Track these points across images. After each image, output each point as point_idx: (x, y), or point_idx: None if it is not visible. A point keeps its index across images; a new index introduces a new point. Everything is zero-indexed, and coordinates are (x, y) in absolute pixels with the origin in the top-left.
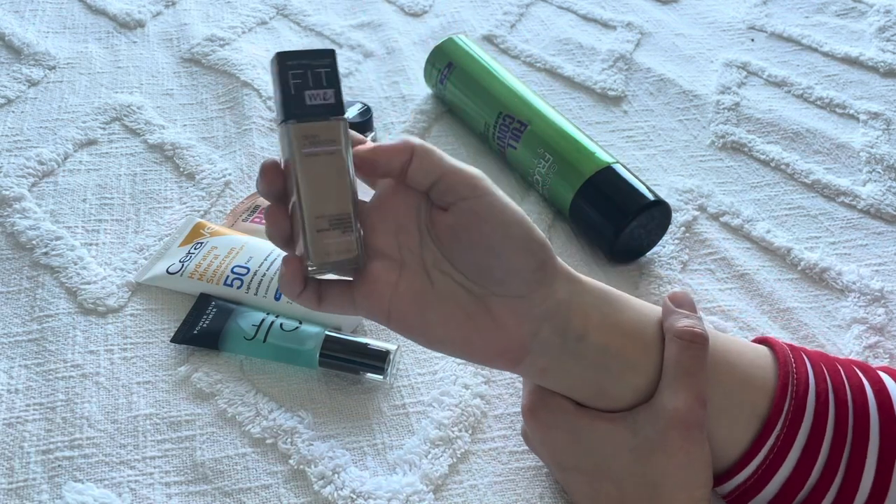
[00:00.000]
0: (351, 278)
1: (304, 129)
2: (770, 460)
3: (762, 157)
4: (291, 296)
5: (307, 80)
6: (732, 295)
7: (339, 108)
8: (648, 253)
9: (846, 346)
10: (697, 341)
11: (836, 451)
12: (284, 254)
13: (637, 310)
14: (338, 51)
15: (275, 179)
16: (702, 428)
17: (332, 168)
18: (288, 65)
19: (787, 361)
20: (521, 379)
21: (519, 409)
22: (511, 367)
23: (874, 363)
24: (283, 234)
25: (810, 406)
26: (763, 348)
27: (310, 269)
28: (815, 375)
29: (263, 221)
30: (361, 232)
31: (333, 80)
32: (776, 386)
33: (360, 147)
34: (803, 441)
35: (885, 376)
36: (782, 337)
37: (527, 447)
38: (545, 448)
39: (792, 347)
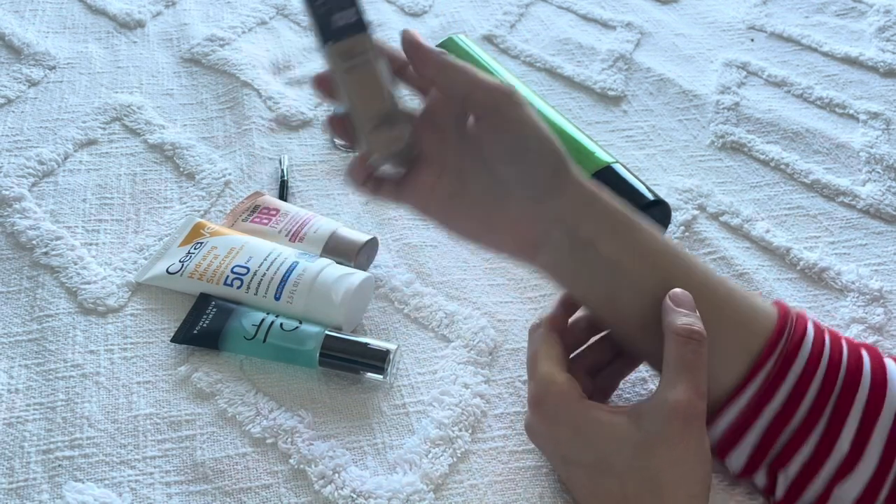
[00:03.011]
0: (405, 169)
1: (338, 48)
2: (758, 397)
3: (762, 156)
4: (356, 185)
5: (331, 6)
6: None
7: (361, 24)
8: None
9: None
10: (695, 338)
11: (821, 399)
12: (285, 254)
13: (647, 231)
14: None
15: (325, 84)
16: (702, 421)
17: (368, 74)
18: None
19: (789, 315)
20: (522, 378)
21: (519, 409)
22: (526, 261)
23: None
24: (343, 135)
25: (803, 354)
26: (769, 303)
27: (371, 160)
28: (815, 333)
29: (264, 221)
30: (411, 128)
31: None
32: (773, 331)
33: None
34: (791, 383)
35: (888, 360)
36: None
37: (528, 446)
38: (549, 441)
39: (800, 312)
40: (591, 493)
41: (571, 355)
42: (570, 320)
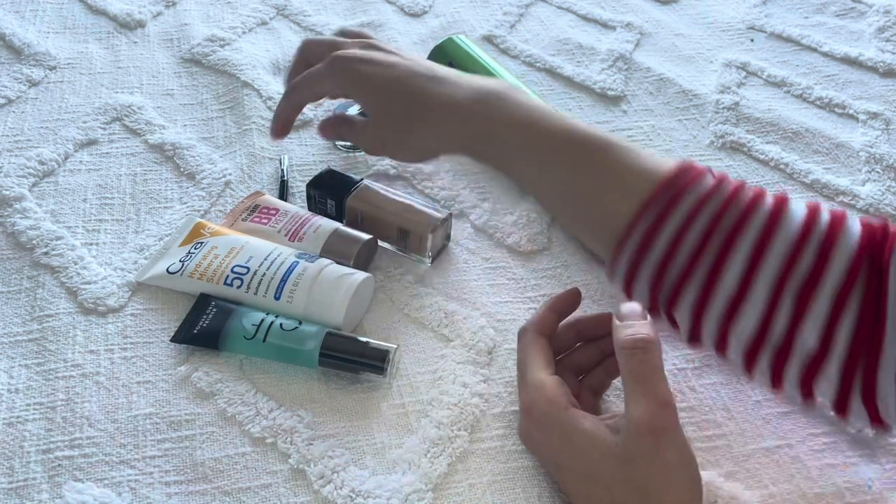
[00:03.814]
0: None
1: None
2: (644, 238)
3: (761, 156)
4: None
5: None
6: None
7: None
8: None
9: None
10: (640, 346)
11: (705, 239)
12: (285, 253)
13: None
14: None
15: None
16: (673, 430)
17: None
18: None
19: (692, 165)
20: None
21: (517, 408)
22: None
23: None
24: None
25: (694, 194)
26: (673, 160)
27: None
28: (715, 180)
29: (263, 221)
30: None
31: None
32: (666, 176)
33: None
34: (677, 222)
35: (796, 202)
36: None
37: (525, 446)
38: (542, 447)
39: (717, 172)
40: (584, 498)
41: (558, 357)
42: (560, 325)
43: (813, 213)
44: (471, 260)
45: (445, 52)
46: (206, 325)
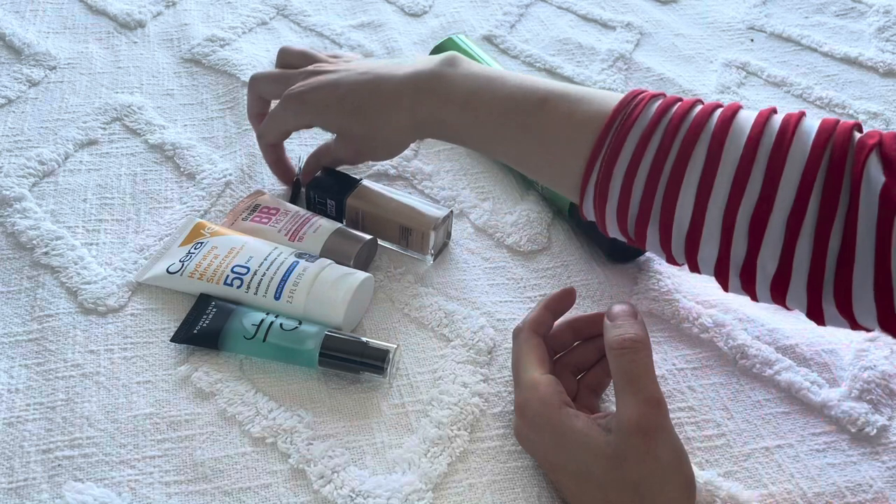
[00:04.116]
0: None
1: None
2: (601, 179)
3: None
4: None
5: None
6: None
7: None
8: (647, 252)
9: (846, 337)
10: (627, 346)
11: (654, 172)
12: (285, 254)
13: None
14: (337, 51)
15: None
16: (663, 429)
17: None
18: None
19: (637, 96)
20: None
21: None
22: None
23: (875, 354)
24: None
25: (639, 125)
26: (617, 95)
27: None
28: (661, 104)
29: (264, 220)
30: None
31: None
32: (612, 110)
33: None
34: (626, 158)
35: (745, 112)
36: (782, 331)
37: (521, 446)
38: (536, 447)
39: (662, 95)
40: (579, 498)
41: (556, 357)
42: (556, 323)
43: (760, 124)
44: (471, 260)
45: (445, 52)
46: (206, 325)
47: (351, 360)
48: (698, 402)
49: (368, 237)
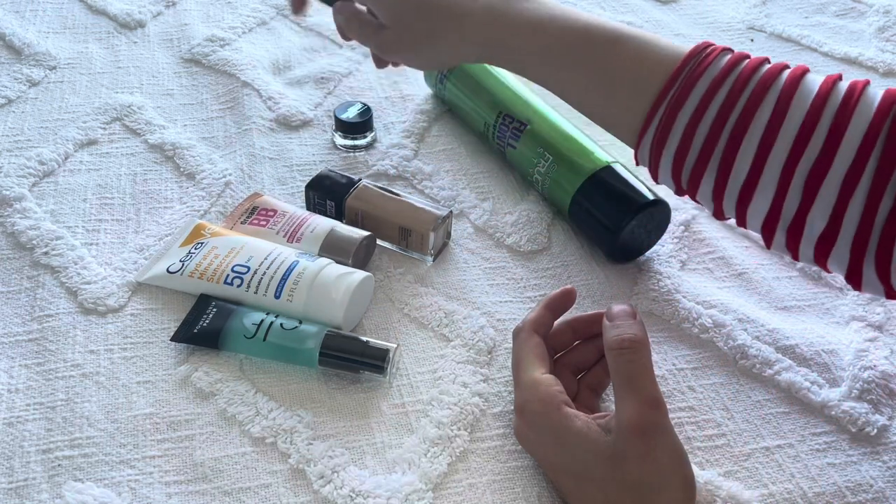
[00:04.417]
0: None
1: None
2: (662, 126)
3: None
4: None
5: None
6: (731, 293)
7: None
8: (648, 252)
9: (846, 337)
10: (626, 346)
11: (718, 124)
12: (285, 253)
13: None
14: (337, 51)
15: None
16: (662, 430)
17: None
18: None
19: (703, 49)
20: None
21: None
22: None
23: (875, 354)
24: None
25: (707, 77)
26: (688, 45)
27: None
28: (731, 58)
29: (262, 223)
30: None
31: None
32: (682, 58)
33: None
34: (691, 108)
35: (812, 75)
36: (782, 332)
37: (521, 446)
38: (536, 447)
39: (731, 51)
40: (579, 498)
41: (556, 356)
42: (556, 323)
43: (828, 86)
44: (471, 260)
45: None
46: (206, 325)
47: (351, 359)
48: (698, 402)
49: (366, 234)
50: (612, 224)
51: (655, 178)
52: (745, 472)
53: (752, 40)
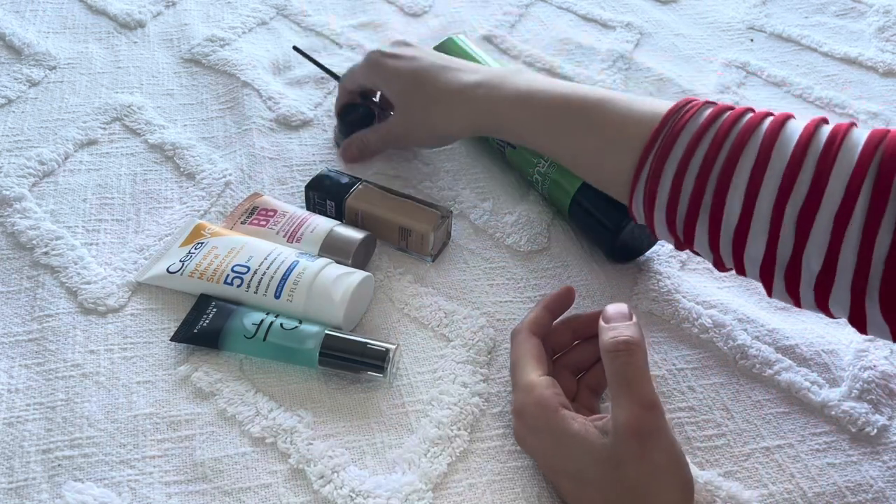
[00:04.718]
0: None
1: None
2: (650, 181)
3: None
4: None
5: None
6: (731, 293)
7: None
8: (648, 252)
9: (846, 337)
10: (621, 349)
11: (704, 172)
12: (285, 253)
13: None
14: (338, 51)
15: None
16: (659, 432)
17: None
18: None
19: (688, 102)
20: None
21: None
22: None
23: (875, 353)
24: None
25: (689, 130)
26: (670, 102)
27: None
28: (712, 111)
29: (261, 223)
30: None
31: None
32: (663, 116)
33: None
34: (676, 159)
35: (794, 121)
36: (782, 332)
37: (521, 448)
38: (535, 449)
39: (714, 104)
40: (578, 500)
41: (556, 356)
42: (555, 323)
43: (810, 131)
44: (471, 260)
45: (445, 52)
46: (206, 325)
47: (351, 359)
48: (698, 402)
49: (365, 234)
50: (612, 224)
51: (654, 233)
52: (745, 472)
53: (752, 40)
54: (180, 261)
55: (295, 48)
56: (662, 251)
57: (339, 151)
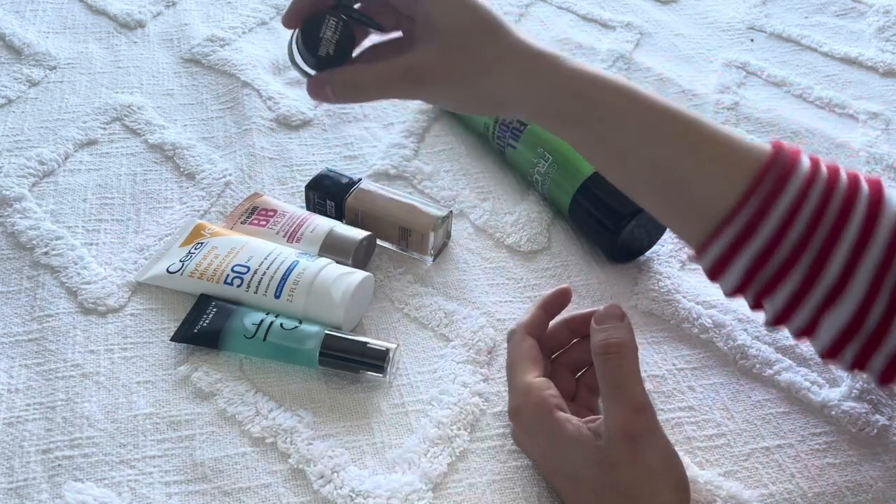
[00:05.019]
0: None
1: None
2: (747, 225)
3: None
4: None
5: None
6: None
7: None
8: (648, 252)
9: None
10: (611, 351)
11: (811, 228)
12: (285, 253)
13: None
14: None
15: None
16: (650, 434)
17: None
18: None
19: (783, 146)
20: None
21: None
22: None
23: None
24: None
25: (795, 181)
26: (763, 142)
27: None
28: (811, 163)
29: (261, 223)
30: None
31: None
32: (765, 160)
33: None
34: (782, 211)
35: (890, 189)
36: (782, 332)
37: (519, 448)
38: (532, 450)
39: (796, 147)
40: (574, 500)
41: (554, 355)
42: (552, 323)
43: None
44: (471, 260)
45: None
46: (206, 325)
47: (351, 359)
48: (698, 402)
49: (366, 234)
50: (612, 224)
51: (718, 274)
52: (745, 471)
53: (752, 40)
54: (180, 261)
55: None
56: (662, 251)
57: (308, 86)
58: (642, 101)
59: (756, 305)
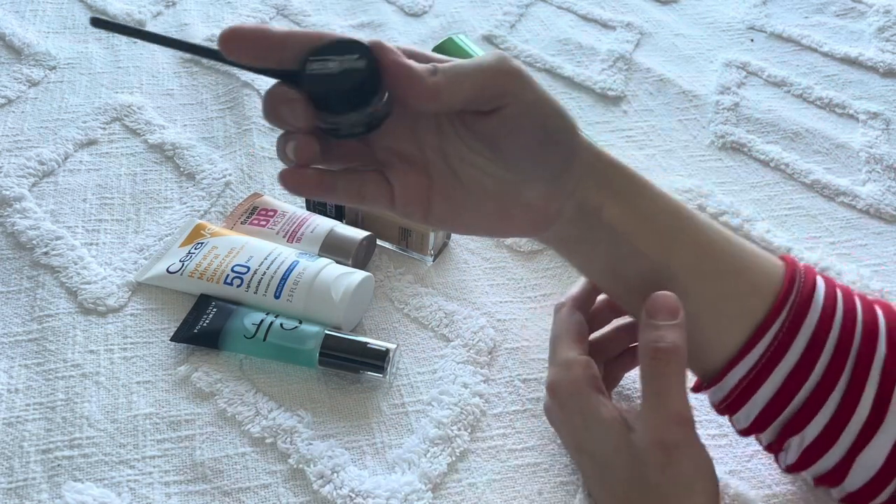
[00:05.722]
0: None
1: None
2: (767, 358)
3: (762, 156)
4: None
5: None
6: None
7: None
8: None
9: None
10: (660, 357)
11: (838, 359)
12: (285, 253)
13: (653, 192)
14: None
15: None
16: (687, 445)
17: None
18: None
19: (797, 270)
20: (521, 377)
21: (518, 408)
22: (537, 237)
23: None
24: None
25: (814, 313)
26: (776, 259)
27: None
28: (826, 288)
29: (262, 223)
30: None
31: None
32: (781, 288)
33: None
34: (804, 342)
35: None
36: None
37: (526, 444)
38: (563, 427)
39: (808, 267)
40: (599, 484)
41: (592, 337)
42: (598, 299)
43: None
44: (471, 260)
45: (445, 52)
46: (206, 325)
47: (351, 359)
48: (700, 402)
49: (366, 234)
50: None
51: (733, 410)
52: (749, 472)
53: (752, 40)
54: (180, 261)
55: (95, 20)
56: None
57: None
58: (687, 215)
59: (778, 444)
